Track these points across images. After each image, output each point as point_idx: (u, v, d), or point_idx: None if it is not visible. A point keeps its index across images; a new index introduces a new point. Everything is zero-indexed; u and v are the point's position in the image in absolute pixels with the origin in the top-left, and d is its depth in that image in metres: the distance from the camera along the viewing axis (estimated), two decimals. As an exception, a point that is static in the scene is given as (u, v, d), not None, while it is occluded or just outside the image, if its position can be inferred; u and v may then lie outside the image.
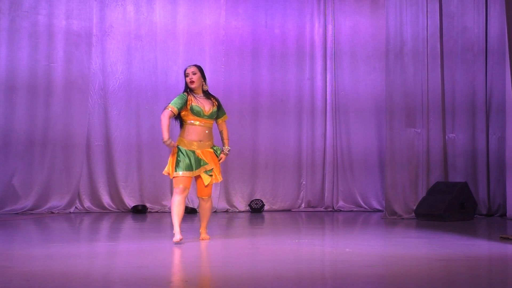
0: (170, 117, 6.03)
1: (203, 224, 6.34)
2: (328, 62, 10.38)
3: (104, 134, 9.73)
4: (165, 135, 5.97)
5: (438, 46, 9.03)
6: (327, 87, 10.37)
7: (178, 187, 6.02)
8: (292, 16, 10.32)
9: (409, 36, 8.96)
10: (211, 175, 6.15)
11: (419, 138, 8.93)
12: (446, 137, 9.16)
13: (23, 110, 9.40)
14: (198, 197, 6.30)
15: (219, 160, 6.23)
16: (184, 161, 6.01)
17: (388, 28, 9.01)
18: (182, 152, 6.05)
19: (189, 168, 6.03)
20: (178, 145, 6.09)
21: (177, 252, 5.58)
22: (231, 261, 5.22)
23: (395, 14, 8.98)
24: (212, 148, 6.20)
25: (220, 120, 6.32)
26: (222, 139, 6.35)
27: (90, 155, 9.67)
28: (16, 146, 9.35)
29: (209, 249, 5.81)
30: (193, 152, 6.06)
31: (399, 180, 8.87)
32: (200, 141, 6.10)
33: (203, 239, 6.24)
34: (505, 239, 6.28)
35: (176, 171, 6.03)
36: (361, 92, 10.27)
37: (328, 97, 10.37)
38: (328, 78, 10.37)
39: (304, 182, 10.32)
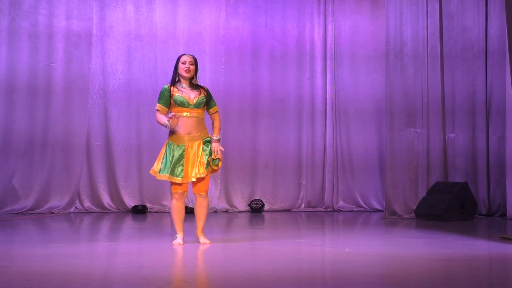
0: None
1: (200, 225, 6.04)
2: (328, 62, 10.38)
3: (104, 134, 9.73)
4: (163, 120, 5.78)
5: (438, 46, 9.03)
6: (327, 87, 10.37)
7: (176, 192, 5.88)
8: (292, 16, 10.32)
9: (409, 36, 8.96)
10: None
11: (419, 138, 8.93)
12: (446, 137, 9.16)
13: (23, 110, 9.40)
14: (194, 193, 6.01)
15: (214, 149, 5.87)
16: (176, 163, 5.80)
17: (388, 28, 9.01)
18: (169, 152, 5.84)
19: (181, 173, 5.81)
20: (168, 141, 5.90)
21: (177, 252, 5.58)
22: (231, 261, 5.22)
23: (395, 14, 8.98)
24: (203, 141, 5.89)
25: (210, 111, 6.04)
26: (213, 129, 6.02)
27: (90, 155, 9.67)
28: (16, 146, 9.35)
29: (209, 249, 5.81)
30: (183, 150, 5.83)
31: (399, 180, 8.86)
32: (189, 133, 5.85)
33: (204, 243, 5.93)
34: (505, 239, 6.27)
35: (171, 174, 5.81)
36: (361, 92, 10.27)
37: (328, 97, 10.37)
38: (328, 78, 10.37)
39: (304, 182, 10.32)
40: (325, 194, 10.32)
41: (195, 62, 6.01)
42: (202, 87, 6.05)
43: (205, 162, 5.87)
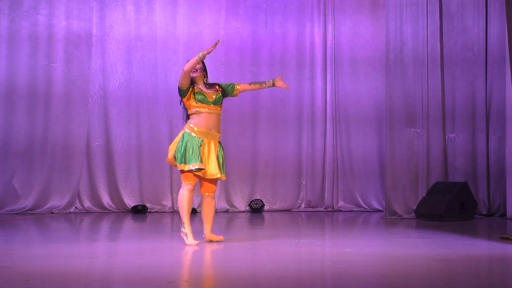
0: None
1: (209, 226, 6.08)
2: (328, 62, 10.37)
3: (104, 134, 9.73)
4: (195, 57, 5.99)
5: (438, 46, 9.03)
6: (327, 87, 10.36)
7: (189, 183, 5.87)
8: (292, 16, 10.31)
9: (409, 37, 8.96)
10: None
11: (419, 138, 8.93)
12: (446, 137, 9.16)
13: (23, 110, 9.40)
14: (202, 194, 6.05)
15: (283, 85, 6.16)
16: (195, 152, 5.80)
17: (388, 29, 9.01)
18: (189, 142, 5.82)
19: (200, 159, 5.82)
20: (186, 131, 5.88)
21: (177, 252, 5.58)
22: (231, 261, 5.22)
23: (395, 14, 8.98)
24: (219, 142, 6.00)
25: (236, 89, 6.15)
26: (258, 84, 6.22)
27: (90, 155, 9.68)
28: (16, 146, 9.36)
29: (209, 249, 5.81)
30: (200, 145, 5.84)
31: (399, 180, 8.86)
32: (209, 130, 5.90)
33: (218, 241, 6.06)
34: (505, 239, 6.27)
35: (188, 163, 5.82)
36: (361, 92, 10.26)
37: (328, 97, 10.36)
38: (328, 78, 10.36)
39: (304, 182, 10.31)
40: (325, 194, 10.31)
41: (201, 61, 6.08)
42: (216, 85, 6.14)
43: (221, 165, 5.97)
